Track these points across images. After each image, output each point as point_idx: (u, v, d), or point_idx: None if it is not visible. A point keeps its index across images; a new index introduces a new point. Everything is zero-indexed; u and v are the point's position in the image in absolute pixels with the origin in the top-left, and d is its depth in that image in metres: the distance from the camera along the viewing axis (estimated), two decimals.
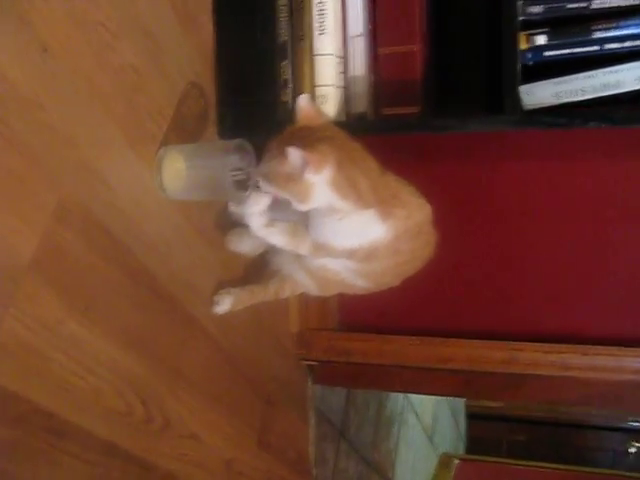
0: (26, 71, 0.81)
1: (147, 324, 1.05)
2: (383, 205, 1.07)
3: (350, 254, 1.12)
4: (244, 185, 1.07)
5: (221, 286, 1.24)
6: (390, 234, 1.09)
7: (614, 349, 1.34)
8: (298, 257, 1.24)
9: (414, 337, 1.49)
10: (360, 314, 1.57)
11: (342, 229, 1.08)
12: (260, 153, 1.05)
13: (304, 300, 1.55)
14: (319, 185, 1.02)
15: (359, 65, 1.21)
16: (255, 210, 1.12)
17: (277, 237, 1.14)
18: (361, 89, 1.21)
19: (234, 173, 1.06)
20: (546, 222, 1.38)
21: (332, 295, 1.53)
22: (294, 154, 0.98)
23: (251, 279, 1.30)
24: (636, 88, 1.04)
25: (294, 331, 1.55)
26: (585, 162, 1.34)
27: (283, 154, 1.00)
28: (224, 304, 1.23)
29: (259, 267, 1.32)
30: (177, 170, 1.07)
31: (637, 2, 1.04)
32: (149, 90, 1.04)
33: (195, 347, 1.18)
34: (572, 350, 1.37)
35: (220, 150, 1.06)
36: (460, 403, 3.64)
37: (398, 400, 2.40)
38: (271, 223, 1.14)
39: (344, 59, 1.20)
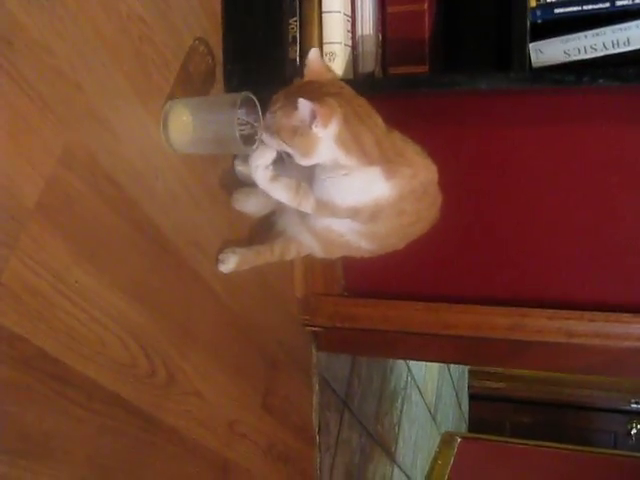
0: (34, 14, 0.80)
1: (152, 277, 1.05)
2: (388, 163, 1.07)
3: (354, 213, 1.11)
4: (251, 139, 1.07)
5: (226, 245, 1.24)
6: (395, 193, 1.09)
7: (621, 315, 1.34)
8: (303, 218, 1.24)
9: (419, 303, 1.49)
10: (365, 280, 1.57)
11: (346, 186, 1.08)
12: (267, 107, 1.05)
13: (309, 265, 1.55)
14: (325, 139, 1.02)
15: (367, 24, 1.20)
16: (260, 163, 1.11)
17: (281, 192, 1.14)
18: (369, 48, 1.21)
19: (241, 127, 1.05)
20: (552, 187, 1.38)
21: (337, 258, 1.55)
22: (304, 106, 0.97)
23: (256, 240, 1.30)
24: None
25: (299, 296, 1.55)
26: (591, 127, 1.32)
27: (291, 106, 1.00)
28: (229, 263, 1.23)
29: (265, 228, 1.32)
30: (183, 124, 1.07)
31: None
32: (156, 42, 1.03)
33: (200, 305, 1.18)
34: (578, 317, 1.37)
35: (227, 103, 1.05)
36: (463, 383, 3.65)
37: (402, 375, 2.41)
38: (276, 177, 1.13)
39: (352, 18, 1.20)
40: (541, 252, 1.41)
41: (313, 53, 1.05)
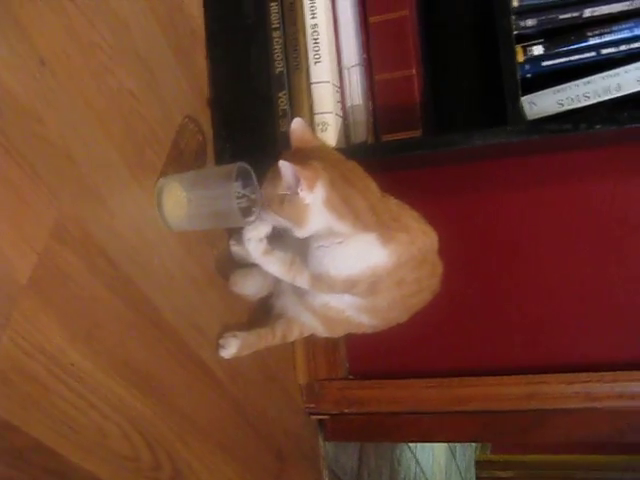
0: (24, 83, 0.78)
1: (151, 361, 0.98)
2: (384, 228, 1.03)
3: (351, 285, 1.06)
4: (249, 211, 1.03)
5: (226, 329, 1.18)
6: (392, 260, 1.04)
7: None
8: (301, 297, 1.19)
9: (429, 379, 1.41)
10: (370, 360, 1.49)
11: (341, 254, 1.03)
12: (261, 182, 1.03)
13: (311, 349, 1.48)
14: (314, 205, 0.99)
15: (356, 94, 1.20)
16: (253, 235, 1.08)
17: (274, 266, 1.10)
18: (360, 118, 1.20)
19: (238, 200, 1.02)
20: (558, 247, 1.35)
21: (340, 340, 1.49)
22: (286, 169, 0.95)
23: (256, 323, 1.24)
24: (637, 89, 1.04)
25: (302, 383, 1.47)
26: (591, 184, 1.32)
27: (276, 175, 0.98)
28: (231, 347, 1.16)
29: (264, 310, 1.26)
30: (178, 200, 1.03)
31: (626, 7, 1.05)
32: (147, 118, 1.01)
33: (203, 392, 1.11)
34: (598, 378, 1.30)
35: (222, 176, 1.02)
36: (471, 474, 3.48)
37: (410, 467, 2.28)
38: (269, 251, 1.10)
39: (341, 89, 1.20)
40: (553, 314, 1.36)
41: (296, 123, 1.03)
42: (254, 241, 1.09)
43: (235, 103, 1.21)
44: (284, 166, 0.95)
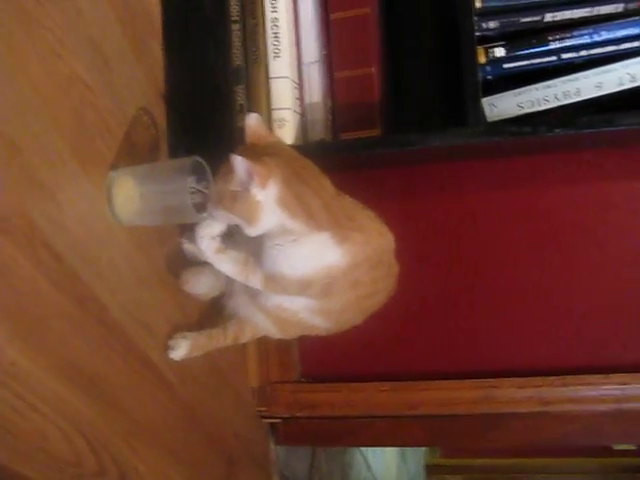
0: None
1: (97, 360, 0.93)
2: (338, 227, 1.01)
3: (305, 286, 1.04)
4: (202, 208, 1.00)
5: (176, 330, 1.14)
6: (347, 260, 1.02)
7: (593, 377, 1.29)
8: (254, 298, 1.16)
9: (383, 383, 1.40)
10: (324, 363, 1.47)
11: (295, 254, 1.01)
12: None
13: (263, 351, 1.45)
14: (266, 203, 0.96)
15: (315, 91, 1.18)
16: (206, 233, 1.05)
17: (227, 265, 1.07)
18: (318, 116, 1.18)
19: (192, 195, 0.99)
20: (513, 252, 1.35)
21: (294, 342, 1.46)
22: (239, 164, 0.92)
23: (207, 324, 1.20)
24: (596, 95, 1.04)
25: (254, 385, 1.44)
26: (553, 188, 1.32)
27: (228, 170, 0.95)
28: (181, 348, 1.12)
29: (216, 311, 1.23)
30: (129, 194, 0.99)
31: (587, 14, 1.06)
32: (99, 107, 0.97)
33: (151, 393, 1.06)
34: (549, 383, 1.31)
35: (175, 171, 0.99)
36: (421, 477, 3.49)
37: (361, 472, 2.27)
38: (223, 250, 1.07)
39: (300, 86, 1.18)
40: (505, 319, 1.37)
41: (251, 118, 1.00)
42: (207, 239, 1.06)
43: (191, 97, 1.17)
44: (237, 160, 0.92)
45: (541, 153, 1.26)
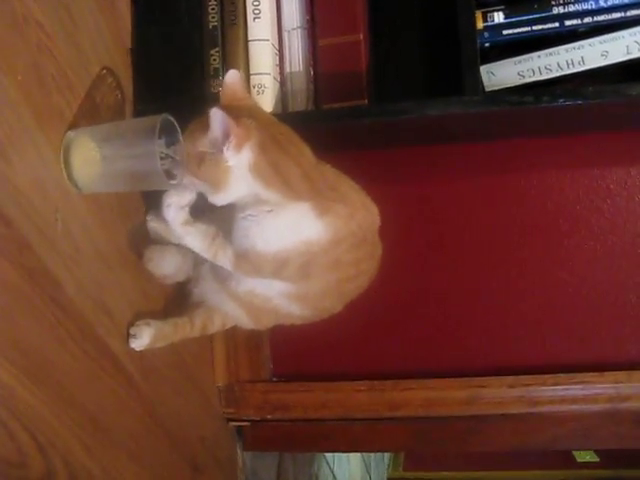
0: None
1: (48, 344, 0.81)
2: (319, 198, 0.91)
3: (281, 265, 0.93)
4: (171, 174, 0.88)
5: (139, 317, 1.02)
6: (328, 235, 0.92)
7: (586, 375, 1.21)
8: (223, 283, 1.05)
9: (361, 382, 1.29)
10: (296, 361, 1.36)
11: (269, 226, 0.91)
12: None
13: (231, 347, 1.33)
14: (238, 169, 0.87)
15: (296, 60, 1.09)
16: (173, 201, 0.94)
17: (194, 238, 0.96)
18: (299, 85, 1.09)
19: (161, 161, 0.87)
20: (500, 245, 1.27)
21: (264, 337, 1.36)
22: (217, 119, 0.83)
23: (172, 312, 1.09)
24: (602, 64, 0.97)
25: (221, 384, 1.32)
26: (544, 176, 1.25)
27: (199, 129, 0.87)
28: (143, 337, 1.00)
29: (181, 298, 1.11)
30: (89, 157, 0.87)
31: None
32: (57, 57, 0.85)
33: (109, 386, 0.94)
34: (540, 382, 1.22)
35: (143, 132, 0.87)
36: None
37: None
38: (190, 222, 0.96)
39: (280, 54, 1.08)
40: (494, 313, 1.28)
41: (231, 75, 0.92)
42: (174, 208, 0.95)
43: (160, 59, 1.07)
44: (216, 115, 0.83)
45: (536, 135, 1.19)
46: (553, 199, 1.26)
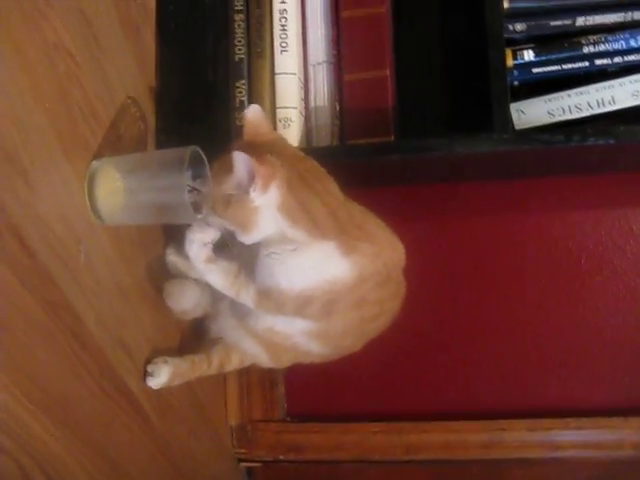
0: None
1: (66, 380, 0.78)
2: (345, 236, 0.89)
3: (304, 304, 0.90)
4: (198, 208, 0.87)
5: (156, 352, 0.99)
6: (354, 274, 0.89)
7: (611, 420, 1.18)
8: (241, 320, 1.02)
9: (377, 423, 1.26)
10: (311, 400, 1.33)
11: (294, 264, 0.88)
12: None
13: (245, 385, 1.30)
14: (265, 208, 0.84)
15: (321, 94, 1.07)
16: (197, 238, 0.92)
17: (217, 276, 0.94)
18: (324, 120, 1.07)
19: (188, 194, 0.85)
20: (524, 285, 1.25)
21: (279, 376, 1.33)
22: (241, 161, 0.80)
23: (188, 349, 1.06)
24: (633, 104, 0.96)
25: (233, 424, 1.28)
26: (566, 215, 1.24)
27: (223, 170, 0.84)
28: (161, 375, 0.97)
29: (197, 335, 1.09)
30: (114, 188, 0.86)
31: (621, 19, 0.99)
32: (85, 86, 0.84)
33: (126, 425, 0.91)
34: (562, 425, 1.19)
35: (171, 163, 0.85)
36: None
37: None
38: (213, 259, 0.94)
39: (305, 87, 1.07)
40: (516, 354, 1.25)
41: (252, 110, 0.89)
42: (197, 245, 0.93)
43: (184, 91, 1.06)
44: (239, 158, 0.80)
45: (559, 174, 1.18)
46: (575, 238, 1.24)
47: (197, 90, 1.06)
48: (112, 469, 0.87)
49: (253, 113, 0.89)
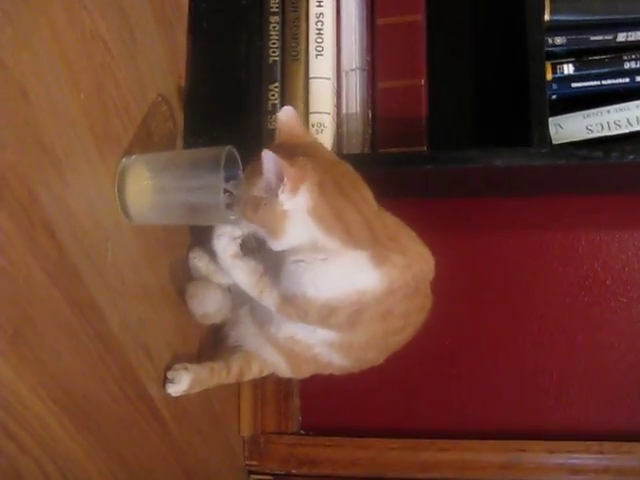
0: None
1: (90, 384, 0.75)
2: (378, 247, 0.86)
3: (329, 313, 0.88)
4: (230, 209, 0.84)
5: (175, 358, 0.97)
6: (384, 285, 0.86)
7: (635, 445, 1.15)
8: (262, 327, 1.00)
9: (394, 440, 1.23)
10: (327, 414, 1.30)
11: (323, 273, 0.85)
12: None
13: (259, 396, 1.27)
14: (295, 213, 0.81)
15: (354, 102, 1.05)
16: (226, 232, 0.90)
17: (242, 273, 0.92)
18: (356, 128, 1.05)
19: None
20: (546, 300, 1.23)
21: (295, 388, 1.30)
22: (270, 161, 0.77)
23: (206, 355, 1.04)
24: None
25: (245, 435, 1.25)
26: (593, 234, 1.22)
27: (254, 173, 0.82)
28: (181, 383, 0.95)
29: (216, 342, 1.06)
30: (144, 187, 0.83)
31: None
32: (119, 79, 0.82)
33: (144, 432, 0.88)
34: (583, 448, 1.17)
35: (206, 162, 0.83)
36: None
37: None
38: (240, 256, 0.92)
39: (337, 94, 1.05)
40: (538, 374, 1.23)
41: (286, 111, 0.87)
42: (226, 238, 0.91)
43: (215, 91, 1.04)
44: (268, 157, 0.77)
45: (589, 192, 1.16)
46: (600, 259, 1.22)
47: (228, 91, 1.04)
48: (128, 474, 0.84)
49: (287, 115, 0.87)
